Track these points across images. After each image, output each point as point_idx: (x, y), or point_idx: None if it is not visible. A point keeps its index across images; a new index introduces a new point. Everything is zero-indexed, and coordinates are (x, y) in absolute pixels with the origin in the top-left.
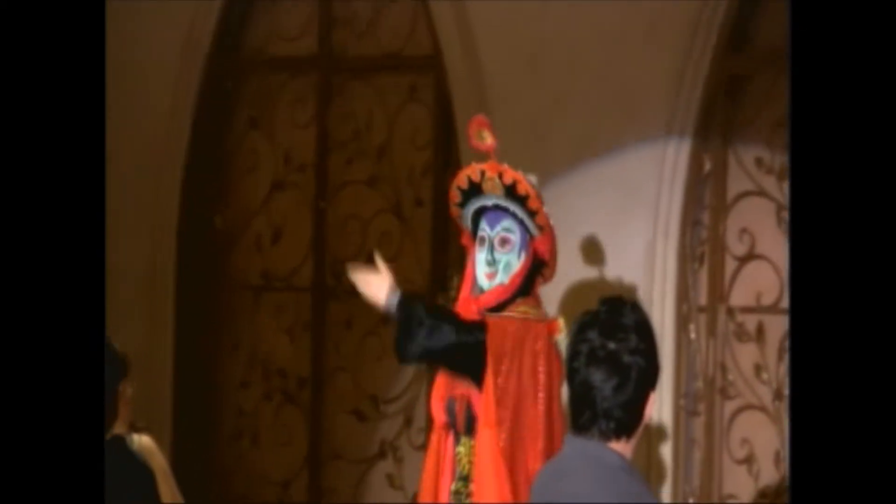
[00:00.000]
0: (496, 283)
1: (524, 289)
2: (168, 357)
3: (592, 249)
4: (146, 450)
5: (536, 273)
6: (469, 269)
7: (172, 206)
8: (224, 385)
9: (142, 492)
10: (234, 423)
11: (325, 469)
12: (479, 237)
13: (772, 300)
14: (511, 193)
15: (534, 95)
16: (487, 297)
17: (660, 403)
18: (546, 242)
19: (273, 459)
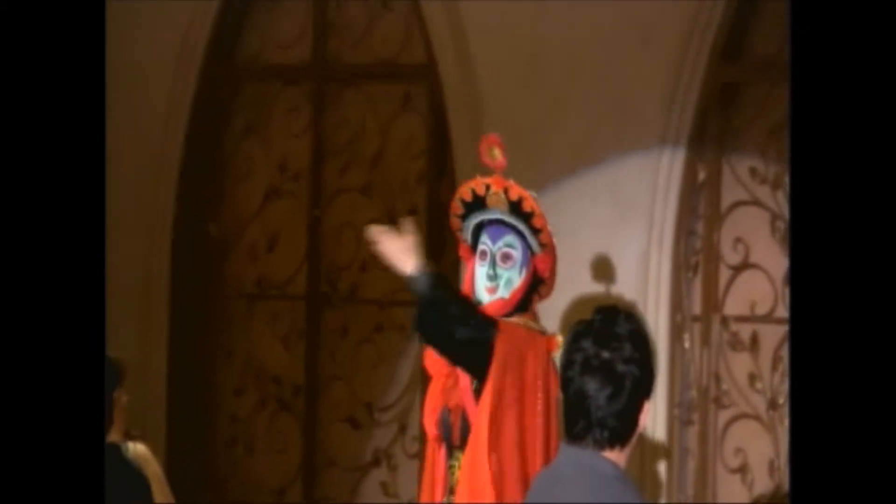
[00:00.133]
0: (496, 298)
1: (522, 305)
2: (162, 364)
3: (602, 265)
4: (141, 458)
5: (534, 290)
6: (466, 282)
7: (167, 214)
8: (218, 392)
9: (136, 500)
10: (229, 431)
11: (320, 477)
12: (481, 251)
13: (766, 309)
14: (516, 209)
15: (528, 105)
16: (487, 310)
17: (654, 412)
18: (547, 260)
19: (267, 467)
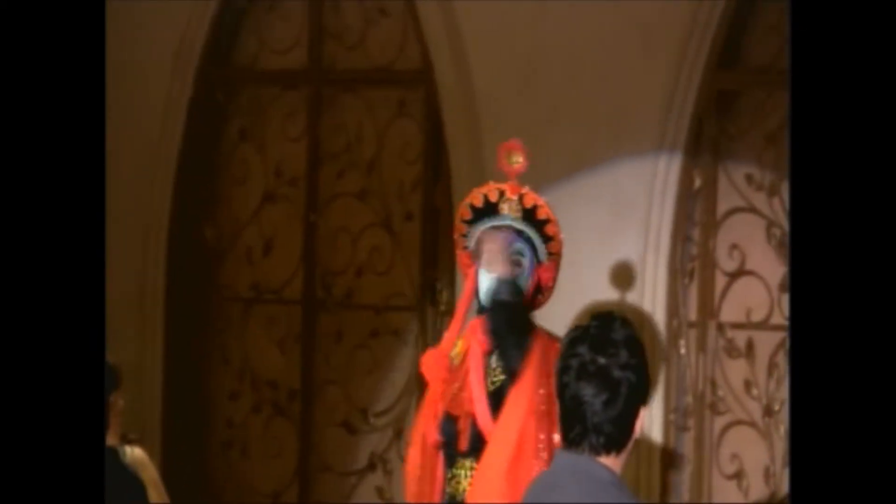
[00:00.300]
0: None
1: None
2: (158, 368)
3: (624, 273)
4: (138, 461)
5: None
6: (468, 287)
7: (163, 217)
8: (214, 397)
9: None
10: (224, 435)
11: (315, 481)
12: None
13: (762, 316)
14: (529, 217)
15: (524, 111)
16: None
17: (650, 418)
18: (551, 270)
19: (263, 471)
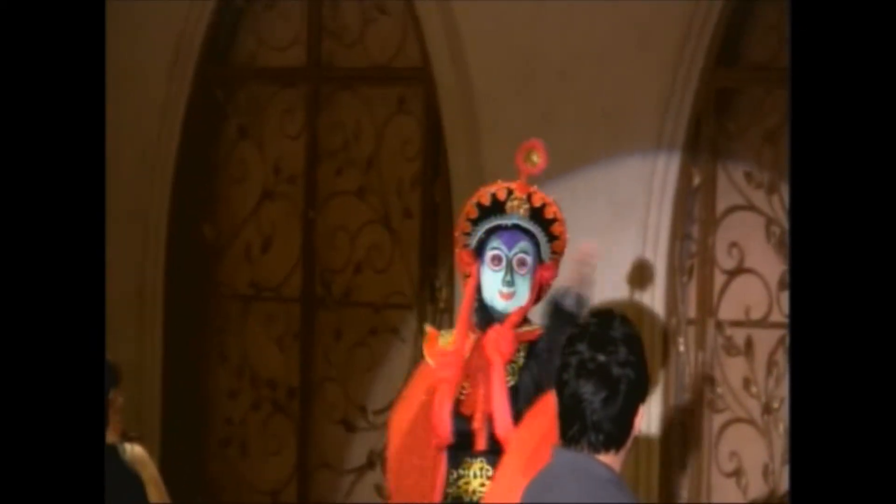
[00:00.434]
0: (514, 307)
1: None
2: (157, 366)
3: (642, 271)
4: (138, 459)
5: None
6: (470, 289)
7: (162, 215)
8: (213, 394)
9: (131, 501)
10: (223, 433)
11: (314, 479)
12: (493, 256)
13: (761, 314)
14: (537, 215)
15: (523, 109)
16: (511, 320)
17: (648, 416)
18: (552, 269)
19: (262, 469)
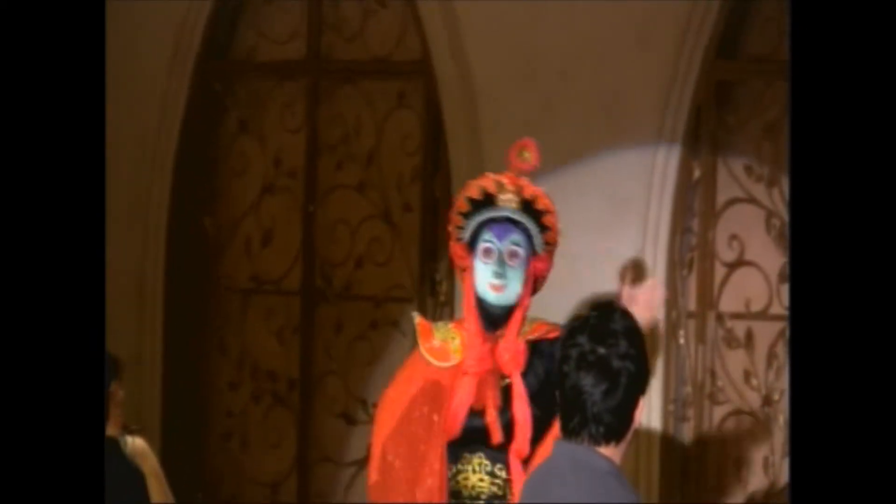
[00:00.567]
0: (503, 297)
1: None
2: (157, 359)
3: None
4: (139, 452)
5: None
6: (468, 283)
7: (162, 209)
8: (213, 387)
9: (131, 494)
10: (223, 425)
11: (314, 472)
12: (485, 249)
13: (761, 306)
14: (527, 207)
15: (523, 102)
16: (514, 322)
17: (649, 409)
18: (546, 261)
19: (262, 462)
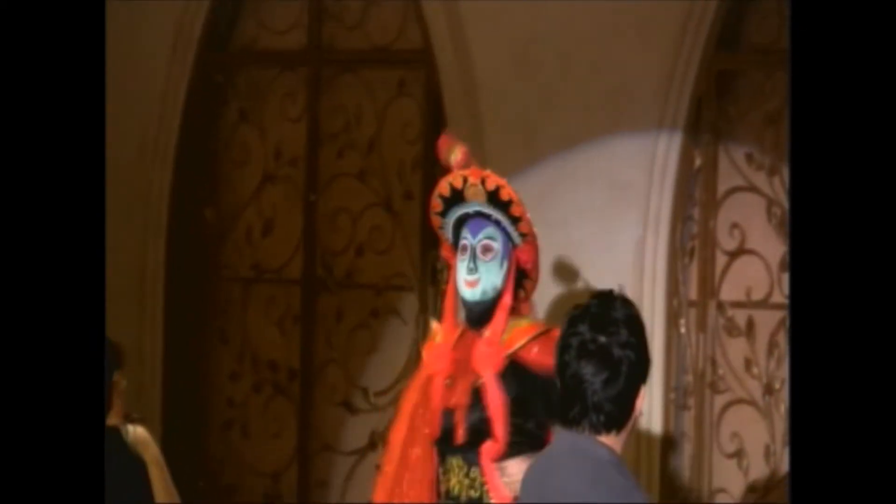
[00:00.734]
0: (478, 292)
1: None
2: (158, 348)
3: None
4: (140, 441)
5: (518, 285)
6: (451, 284)
7: (163, 199)
8: (214, 377)
9: (132, 483)
10: (225, 415)
11: (315, 461)
12: (461, 245)
13: (762, 295)
14: (494, 199)
15: (524, 91)
16: (497, 322)
17: (650, 397)
18: (529, 251)
19: (263, 451)
